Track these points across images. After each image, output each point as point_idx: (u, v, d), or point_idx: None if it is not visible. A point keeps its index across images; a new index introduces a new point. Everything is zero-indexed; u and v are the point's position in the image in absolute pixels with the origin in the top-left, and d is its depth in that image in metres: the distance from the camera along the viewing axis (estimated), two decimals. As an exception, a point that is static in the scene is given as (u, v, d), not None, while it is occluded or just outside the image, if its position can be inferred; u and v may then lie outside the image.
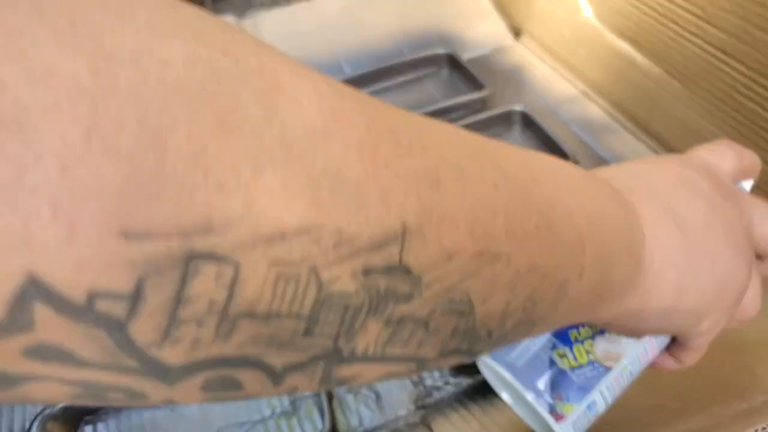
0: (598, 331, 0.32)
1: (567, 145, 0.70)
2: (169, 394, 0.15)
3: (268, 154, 0.13)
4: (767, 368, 0.43)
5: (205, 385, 0.15)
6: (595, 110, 0.78)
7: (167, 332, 0.14)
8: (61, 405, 0.51)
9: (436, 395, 0.52)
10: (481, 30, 0.92)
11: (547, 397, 0.31)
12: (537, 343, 0.32)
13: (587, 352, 0.32)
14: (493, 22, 0.93)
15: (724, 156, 0.31)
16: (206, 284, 0.13)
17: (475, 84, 0.82)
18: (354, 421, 0.51)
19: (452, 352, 0.19)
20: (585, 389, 0.31)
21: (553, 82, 0.83)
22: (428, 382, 0.53)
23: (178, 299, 0.13)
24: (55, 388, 0.14)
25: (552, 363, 0.31)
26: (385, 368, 0.18)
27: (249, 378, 0.16)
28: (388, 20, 0.91)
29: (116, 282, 0.12)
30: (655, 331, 0.30)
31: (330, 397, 0.51)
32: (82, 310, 0.12)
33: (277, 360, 0.15)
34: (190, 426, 0.51)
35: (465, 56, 0.88)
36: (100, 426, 0.52)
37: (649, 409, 0.43)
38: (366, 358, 0.17)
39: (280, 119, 0.14)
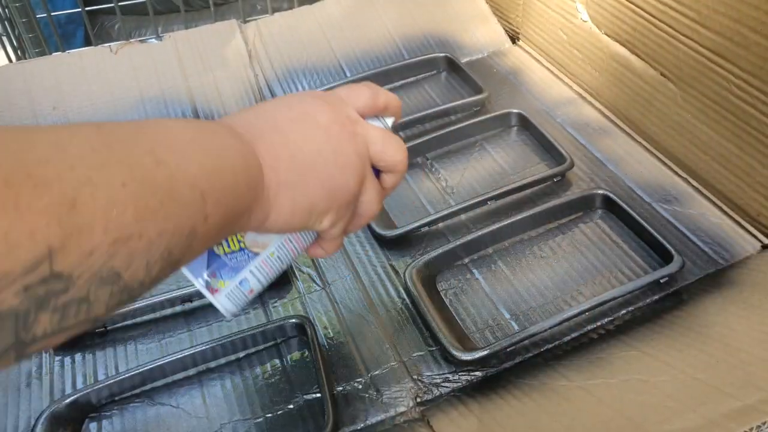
0: None
1: (563, 146, 0.71)
2: None
3: None
4: (761, 366, 0.44)
5: None
6: (591, 112, 0.79)
7: None
8: (66, 401, 0.51)
9: (436, 392, 0.53)
10: (479, 34, 0.93)
11: (205, 277, 0.38)
12: None
13: (239, 241, 0.39)
14: (490, 26, 0.94)
15: (359, 94, 0.39)
16: None
17: (473, 87, 0.83)
18: (354, 418, 0.51)
19: (117, 304, 0.25)
20: (236, 269, 0.39)
21: (549, 84, 0.84)
22: (428, 379, 0.53)
23: None
24: None
25: (211, 253, 0.38)
26: (66, 334, 0.23)
27: None
28: (387, 24, 0.92)
29: None
30: (285, 231, 0.37)
31: (331, 393, 0.52)
32: None
33: None
34: (194, 423, 0.52)
35: (463, 59, 0.89)
36: (105, 423, 0.52)
37: (642, 408, 0.44)
38: (46, 336, 0.22)
39: None
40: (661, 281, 0.58)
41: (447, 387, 0.53)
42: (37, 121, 0.80)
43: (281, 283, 0.62)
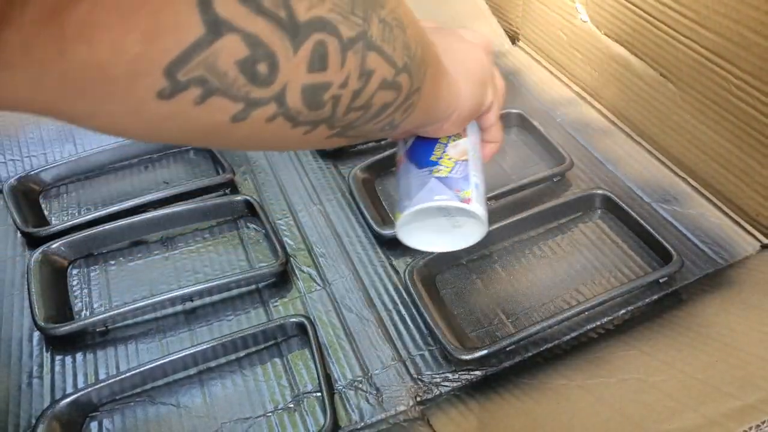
0: (444, 144, 0.46)
1: (563, 146, 0.71)
2: (290, 69, 0.23)
3: None
4: (761, 366, 0.44)
5: (311, 58, 0.24)
6: (590, 112, 0.79)
7: None
8: (67, 401, 0.51)
9: (435, 391, 0.53)
10: (478, 34, 0.93)
11: (452, 196, 0.44)
12: (420, 179, 0.45)
13: (449, 159, 0.45)
14: (490, 26, 0.94)
15: (473, 33, 0.48)
16: None
17: (473, 87, 0.83)
18: (354, 417, 0.51)
19: (404, 68, 0.30)
20: (466, 178, 0.45)
21: (549, 85, 0.84)
22: (427, 378, 0.54)
23: None
24: (236, 44, 0.20)
25: (438, 179, 0.44)
26: (383, 68, 0.28)
27: (332, 48, 0.24)
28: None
29: None
30: (472, 110, 0.43)
31: (331, 392, 0.52)
32: None
33: (344, 30, 0.25)
34: (195, 422, 0.52)
35: (463, 59, 0.89)
36: (106, 422, 0.52)
37: (642, 407, 0.44)
38: (376, 48, 0.27)
39: None
40: (661, 281, 0.58)
41: (447, 386, 0.53)
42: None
43: (281, 282, 0.62)
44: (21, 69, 0.16)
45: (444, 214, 0.47)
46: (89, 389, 0.52)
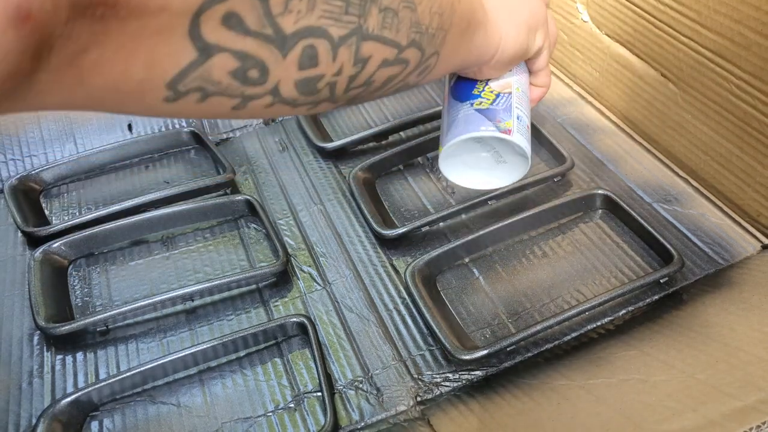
0: (485, 82, 0.45)
1: (563, 145, 0.71)
2: (281, 71, 0.26)
3: None
4: (761, 366, 0.44)
5: (300, 59, 0.26)
6: (591, 112, 0.79)
7: (286, 5, 0.24)
8: (67, 400, 0.51)
9: (436, 391, 0.53)
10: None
11: (492, 127, 0.42)
12: (461, 112, 0.44)
13: (491, 91, 0.44)
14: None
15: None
16: None
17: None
18: (355, 416, 0.51)
19: (412, 43, 0.31)
20: (507, 110, 0.44)
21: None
22: (428, 378, 0.54)
23: None
24: (227, 60, 0.24)
25: (479, 111, 0.43)
26: (383, 51, 0.30)
27: (322, 49, 0.27)
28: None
29: None
30: (516, 54, 0.43)
31: (332, 392, 0.52)
32: None
33: (335, 31, 0.26)
34: (195, 421, 0.52)
35: (464, 59, 0.89)
36: (106, 422, 0.52)
37: (642, 408, 0.44)
38: (373, 37, 0.28)
39: None
40: (661, 281, 0.58)
41: (447, 386, 0.53)
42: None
43: (282, 282, 0.62)
44: (50, 95, 0.21)
45: (487, 148, 0.46)
46: (90, 389, 0.53)
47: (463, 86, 0.45)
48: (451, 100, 0.46)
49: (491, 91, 0.44)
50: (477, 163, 0.47)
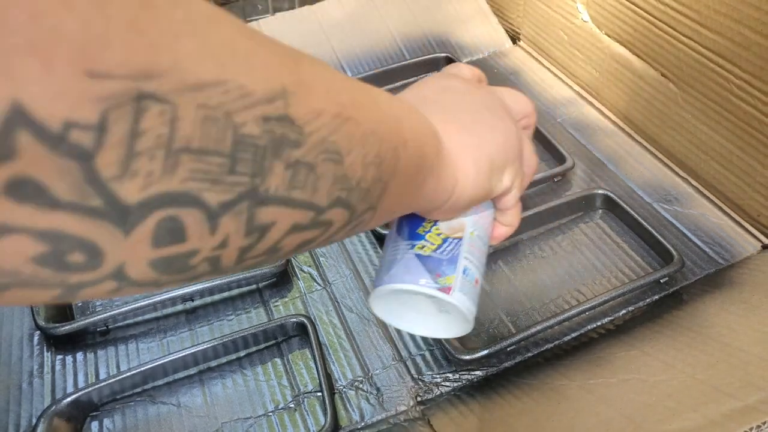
0: (434, 221, 0.38)
1: (563, 146, 0.71)
2: (123, 251, 0.19)
3: (180, 27, 0.18)
4: (761, 366, 0.44)
5: (155, 234, 0.19)
6: (591, 112, 0.79)
7: (126, 165, 0.17)
8: (67, 400, 0.51)
9: (436, 391, 0.53)
10: (479, 34, 0.93)
11: (431, 280, 0.36)
12: (400, 252, 0.38)
13: (438, 234, 0.38)
14: (491, 26, 0.94)
15: (460, 68, 0.43)
16: (153, 120, 0.17)
17: (473, 87, 0.83)
18: (355, 416, 0.51)
19: (337, 202, 0.25)
20: (453, 260, 0.37)
21: (549, 84, 0.84)
22: (428, 378, 0.54)
23: (134, 132, 0.17)
24: (24, 243, 0.17)
25: (419, 257, 0.37)
26: (292, 215, 0.23)
27: (191, 220, 0.19)
28: (389, 24, 0.92)
29: (86, 113, 0.15)
30: (474, 199, 0.36)
31: (332, 392, 0.52)
32: (58, 139, 0.15)
33: (212, 197, 0.20)
34: (195, 421, 0.52)
35: (464, 59, 0.89)
36: (107, 422, 0.52)
37: (642, 408, 0.44)
38: (277, 200, 0.22)
39: (183, 5, 0.18)
40: (662, 281, 0.58)
41: (447, 386, 0.53)
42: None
43: (282, 282, 0.62)
44: None
45: (426, 296, 0.38)
46: (90, 389, 0.53)
47: (408, 220, 0.39)
48: (393, 232, 0.39)
49: (438, 234, 0.38)
50: (416, 305, 0.40)
